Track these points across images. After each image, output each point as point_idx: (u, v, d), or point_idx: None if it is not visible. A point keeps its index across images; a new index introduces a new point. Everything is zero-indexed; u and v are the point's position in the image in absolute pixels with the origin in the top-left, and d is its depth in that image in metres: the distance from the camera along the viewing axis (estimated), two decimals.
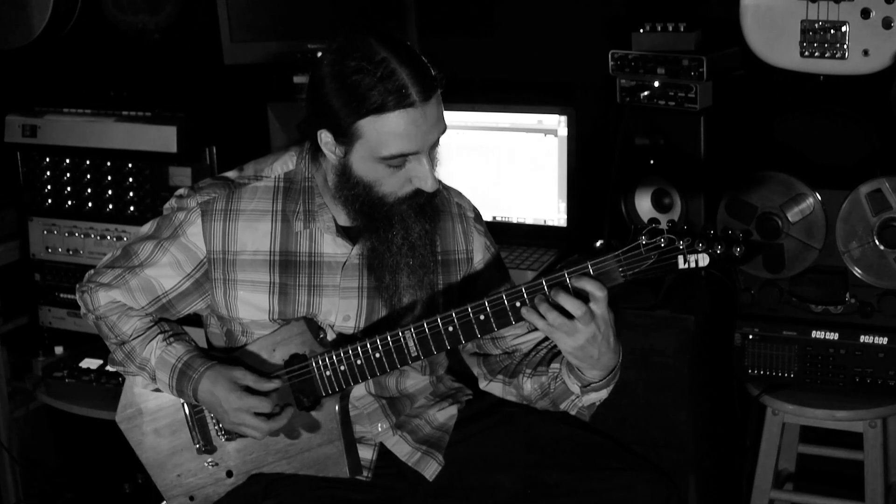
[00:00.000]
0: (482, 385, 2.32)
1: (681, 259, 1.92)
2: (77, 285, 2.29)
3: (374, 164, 2.02)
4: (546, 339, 2.22)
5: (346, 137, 2.02)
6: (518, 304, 2.00)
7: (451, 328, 2.03)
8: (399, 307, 2.18)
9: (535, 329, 2.04)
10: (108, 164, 3.26)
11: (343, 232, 2.17)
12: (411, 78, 1.96)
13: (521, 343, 2.26)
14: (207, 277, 2.19)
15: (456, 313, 2.03)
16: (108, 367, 3.26)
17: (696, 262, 1.92)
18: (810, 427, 2.95)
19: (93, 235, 3.30)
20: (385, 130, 1.98)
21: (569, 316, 1.95)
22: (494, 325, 2.02)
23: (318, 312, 2.18)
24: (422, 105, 1.98)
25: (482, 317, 2.02)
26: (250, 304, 2.17)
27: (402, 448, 2.24)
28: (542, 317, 1.96)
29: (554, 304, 1.96)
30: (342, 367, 2.10)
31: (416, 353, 2.07)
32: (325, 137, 2.06)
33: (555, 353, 2.20)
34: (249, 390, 2.10)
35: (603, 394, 2.15)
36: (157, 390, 2.25)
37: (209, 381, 2.11)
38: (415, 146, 2.01)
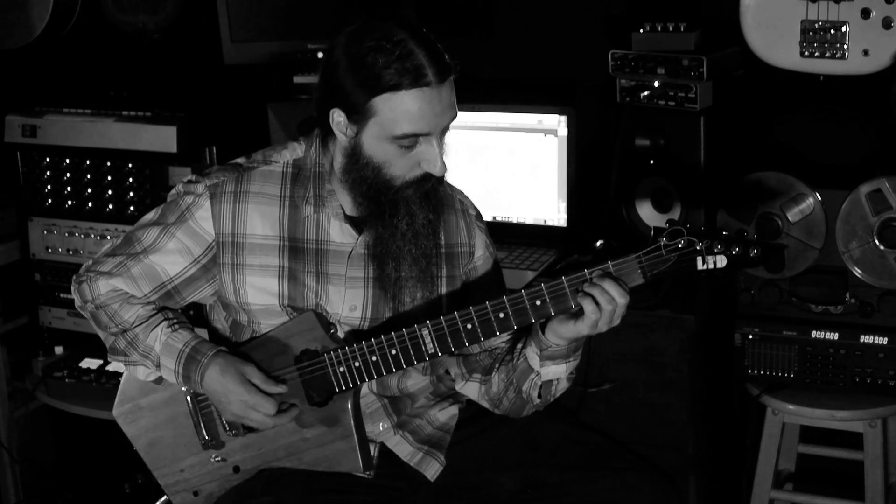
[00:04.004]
0: (458, 386, 2.31)
1: (699, 260, 1.95)
2: (74, 276, 2.25)
3: (386, 144, 2.03)
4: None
5: (359, 115, 2.02)
6: (538, 302, 2.01)
7: (469, 325, 2.03)
8: (402, 297, 2.18)
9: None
10: (108, 164, 3.25)
11: (349, 221, 2.17)
12: (428, 59, 1.99)
13: (502, 342, 2.26)
14: (215, 262, 2.18)
15: (475, 310, 2.03)
16: (109, 365, 3.28)
17: (715, 263, 1.95)
18: (810, 427, 2.95)
19: (93, 235, 3.30)
20: (399, 109, 1.99)
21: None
22: (514, 323, 2.03)
23: (326, 303, 2.17)
24: (437, 86, 2.00)
25: (501, 315, 2.02)
26: (260, 289, 2.16)
27: (403, 448, 2.23)
28: (597, 299, 1.99)
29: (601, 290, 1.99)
30: (356, 364, 2.10)
31: (433, 350, 2.06)
32: (336, 117, 2.06)
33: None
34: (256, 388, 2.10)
35: (562, 370, 2.15)
36: (158, 381, 2.22)
37: (219, 368, 2.10)
38: (427, 127, 2.01)
